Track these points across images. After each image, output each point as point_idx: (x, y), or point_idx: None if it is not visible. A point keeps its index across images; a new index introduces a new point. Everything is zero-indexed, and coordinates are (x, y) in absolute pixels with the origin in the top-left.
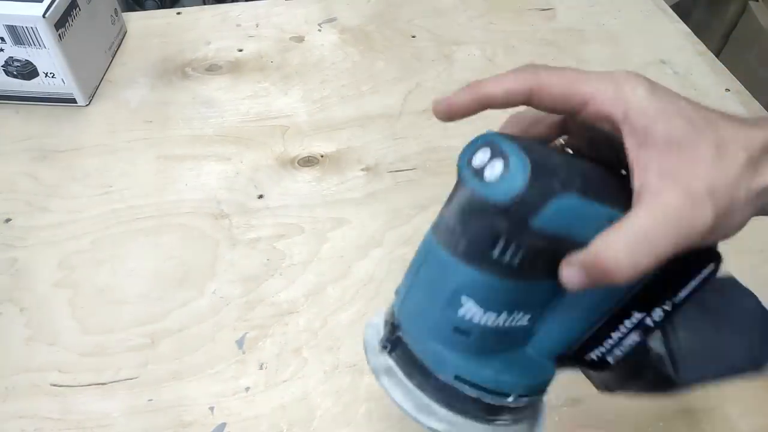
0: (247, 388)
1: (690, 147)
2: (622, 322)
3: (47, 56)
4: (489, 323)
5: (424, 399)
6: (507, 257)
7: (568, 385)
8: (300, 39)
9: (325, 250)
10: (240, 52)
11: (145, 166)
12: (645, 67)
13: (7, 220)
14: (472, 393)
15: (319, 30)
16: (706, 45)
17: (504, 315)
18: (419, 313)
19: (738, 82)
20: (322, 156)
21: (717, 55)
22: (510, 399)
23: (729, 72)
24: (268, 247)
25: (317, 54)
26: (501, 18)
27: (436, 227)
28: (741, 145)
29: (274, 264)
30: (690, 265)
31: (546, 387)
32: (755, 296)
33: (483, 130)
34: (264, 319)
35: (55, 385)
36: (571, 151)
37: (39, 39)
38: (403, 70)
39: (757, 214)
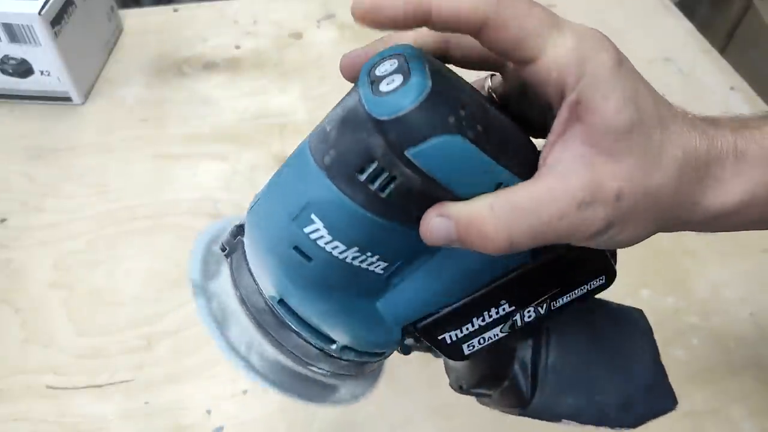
0: (245, 391)
1: (626, 142)
2: (488, 309)
3: (43, 54)
4: (335, 254)
5: (242, 318)
6: (375, 186)
7: None
8: (298, 36)
9: None
10: (237, 49)
11: (140, 165)
12: (649, 65)
13: (2, 221)
14: (295, 325)
15: (318, 26)
16: (711, 43)
17: (354, 251)
18: (266, 219)
19: (742, 80)
20: None
21: (721, 52)
22: (333, 347)
23: (733, 70)
24: None
25: (316, 51)
26: None
27: (314, 130)
28: (676, 156)
29: None
30: (579, 271)
31: (383, 353)
32: (656, 348)
33: None
34: None
35: (50, 388)
36: (494, 96)
37: (34, 36)
38: None
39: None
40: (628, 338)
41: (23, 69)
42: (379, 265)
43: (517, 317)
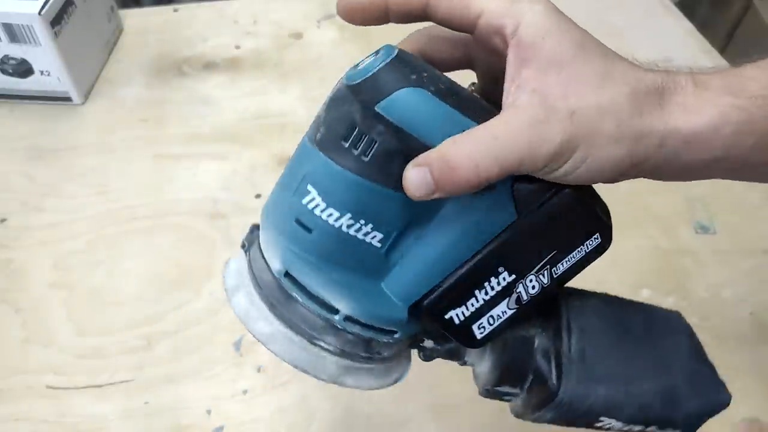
0: (245, 391)
1: (572, 68)
2: (487, 279)
3: (43, 54)
4: (331, 221)
5: (256, 299)
6: (358, 150)
7: None
8: (298, 36)
9: None
10: (237, 49)
11: (140, 165)
12: (648, 65)
13: (2, 221)
14: (298, 296)
15: (318, 26)
16: (711, 43)
17: (348, 217)
18: (273, 203)
19: None
20: None
21: (721, 52)
22: (337, 317)
23: None
24: None
25: (316, 51)
26: None
27: (311, 125)
28: (626, 81)
29: None
30: (570, 230)
31: (391, 331)
32: (698, 344)
33: None
34: None
35: (50, 387)
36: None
37: (34, 36)
38: None
39: (636, 169)
40: (662, 333)
41: (23, 69)
42: (375, 236)
43: (521, 289)
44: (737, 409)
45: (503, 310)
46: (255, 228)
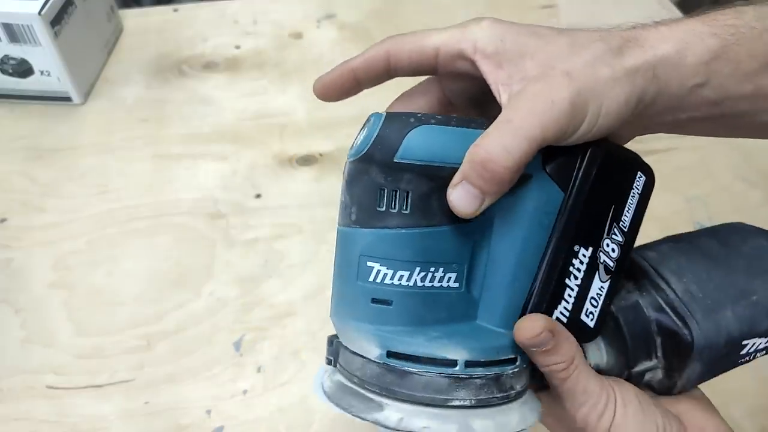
0: (245, 391)
1: (542, 51)
2: (570, 263)
3: (43, 54)
4: (404, 283)
5: (368, 394)
6: (394, 206)
7: None
8: (298, 36)
9: (324, 251)
10: (237, 49)
11: (141, 165)
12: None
13: (2, 221)
14: (410, 367)
15: (318, 26)
16: None
17: (418, 271)
18: (341, 301)
19: None
20: (320, 155)
21: None
22: (456, 368)
23: None
24: (265, 248)
25: (316, 51)
26: (502, 15)
27: (339, 215)
28: (597, 39)
29: (272, 265)
30: (614, 180)
31: (512, 359)
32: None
33: None
34: (262, 320)
35: (50, 387)
36: None
37: (34, 36)
38: None
39: (642, 105)
40: (738, 242)
41: (23, 69)
42: (449, 278)
43: (603, 257)
44: (737, 408)
45: (600, 287)
46: (332, 339)
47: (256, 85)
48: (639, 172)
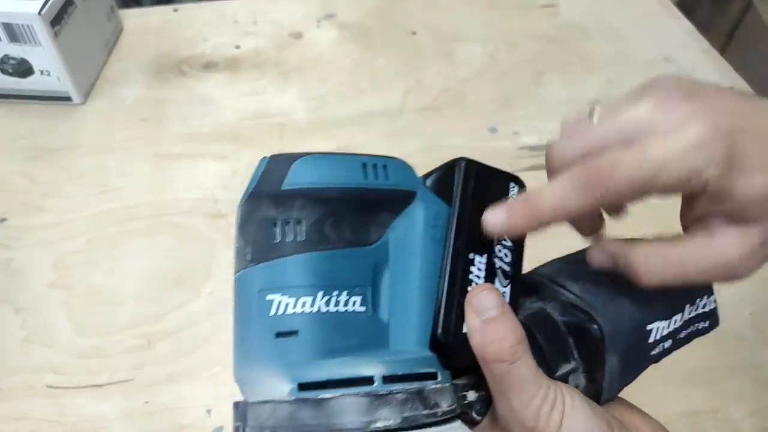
0: None
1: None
2: (468, 272)
3: (43, 54)
4: (308, 309)
5: None
6: (289, 236)
7: None
8: (298, 35)
9: None
10: (237, 49)
11: (140, 164)
12: (648, 65)
13: (2, 220)
14: (327, 393)
15: (318, 26)
16: (711, 43)
17: (321, 295)
18: (243, 351)
19: (742, 80)
20: None
21: (721, 52)
22: (375, 385)
23: (733, 70)
24: None
25: (316, 51)
26: (503, 14)
27: (234, 263)
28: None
29: None
30: (489, 189)
31: (429, 369)
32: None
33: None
34: None
35: (50, 387)
36: None
37: (34, 36)
38: (404, 67)
39: None
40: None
41: (23, 69)
42: (355, 302)
43: (499, 262)
44: (737, 409)
45: (503, 292)
46: (237, 403)
47: (255, 85)
48: (512, 182)
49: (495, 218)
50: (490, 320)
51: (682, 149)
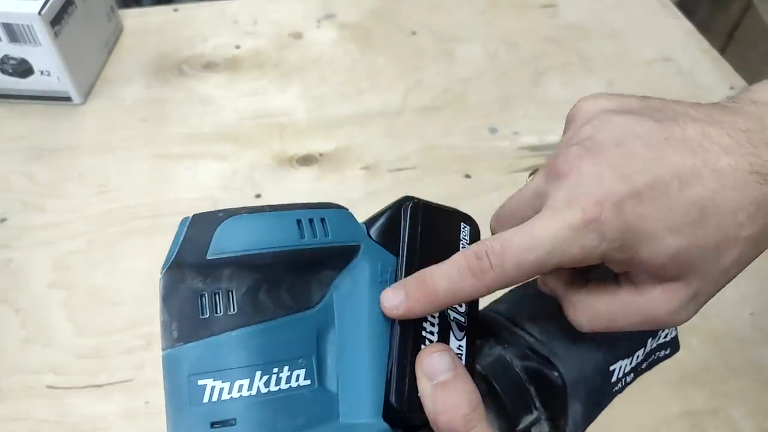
0: None
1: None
2: (421, 328)
3: (43, 54)
4: (246, 394)
5: None
6: (219, 309)
7: None
8: (298, 36)
9: None
10: (237, 49)
11: (140, 165)
12: (648, 65)
13: (2, 221)
14: None
15: (318, 26)
16: (711, 43)
17: (259, 376)
18: None
19: (742, 80)
20: (320, 155)
21: (721, 52)
22: None
23: (733, 70)
24: None
25: (316, 51)
26: (502, 14)
27: (161, 340)
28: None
29: None
30: (438, 233)
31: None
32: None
33: (481, 131)
34: None
35: (50, 387)
36: None
37: (34, 36)
38: (404, 67)
39: None
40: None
41: (23, 69)
42: (298, 376)
43: (453, 314)
44: (737, 409)
45: (458, 346)
46: None
47: (255, 85)
48: (462, 223)
49: (392, 300)
50: (441, 385)
51: (567, 230)
